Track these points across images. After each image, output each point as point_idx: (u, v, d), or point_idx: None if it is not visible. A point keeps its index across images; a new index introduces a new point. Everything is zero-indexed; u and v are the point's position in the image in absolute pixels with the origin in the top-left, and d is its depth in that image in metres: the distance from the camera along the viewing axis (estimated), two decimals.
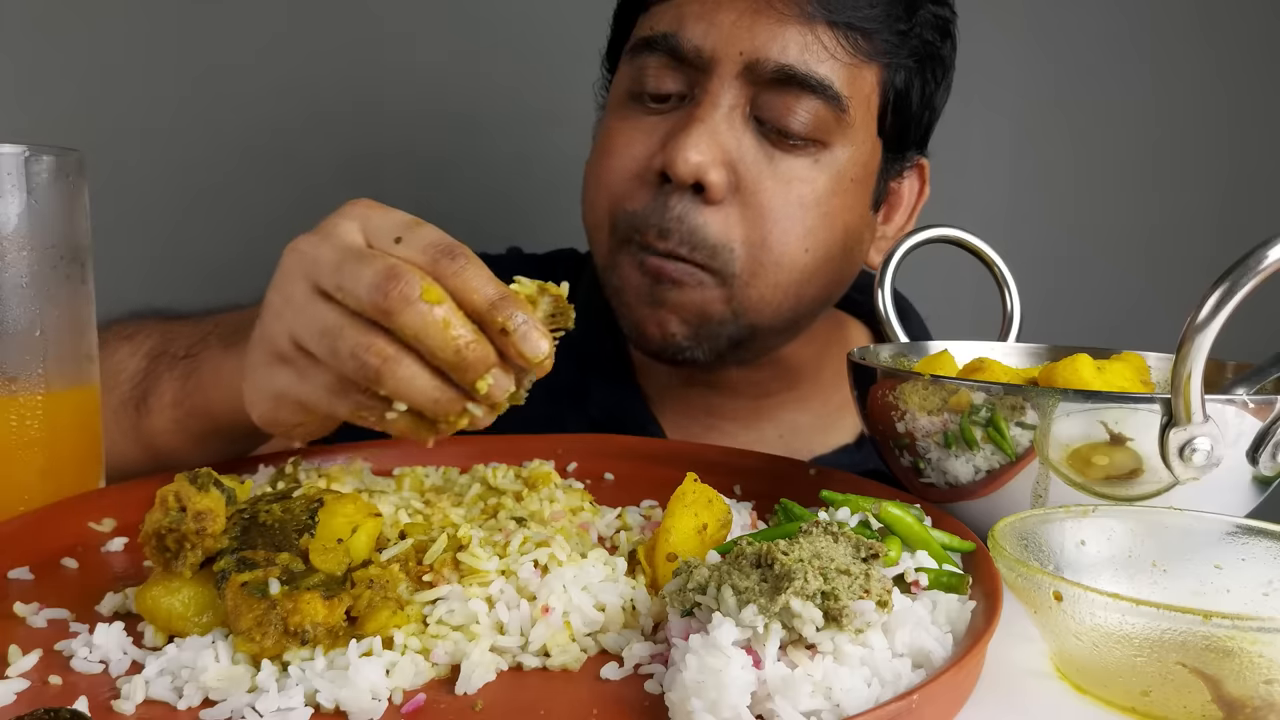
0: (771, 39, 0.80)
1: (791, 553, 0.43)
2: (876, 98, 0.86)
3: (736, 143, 0.82)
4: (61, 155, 0.61)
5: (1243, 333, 0.58)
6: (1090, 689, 0.44)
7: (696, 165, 0.79)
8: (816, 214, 0.84)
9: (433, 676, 0.44)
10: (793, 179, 0.83)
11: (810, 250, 0.84)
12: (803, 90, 0.81)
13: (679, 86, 0.84)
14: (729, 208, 0.82)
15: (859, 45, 0.82)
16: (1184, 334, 0.52)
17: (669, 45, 0.83)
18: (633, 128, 0.86)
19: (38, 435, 0.61)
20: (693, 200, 0.82)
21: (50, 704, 0.39)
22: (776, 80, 0.81)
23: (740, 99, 0.82)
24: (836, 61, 0.82)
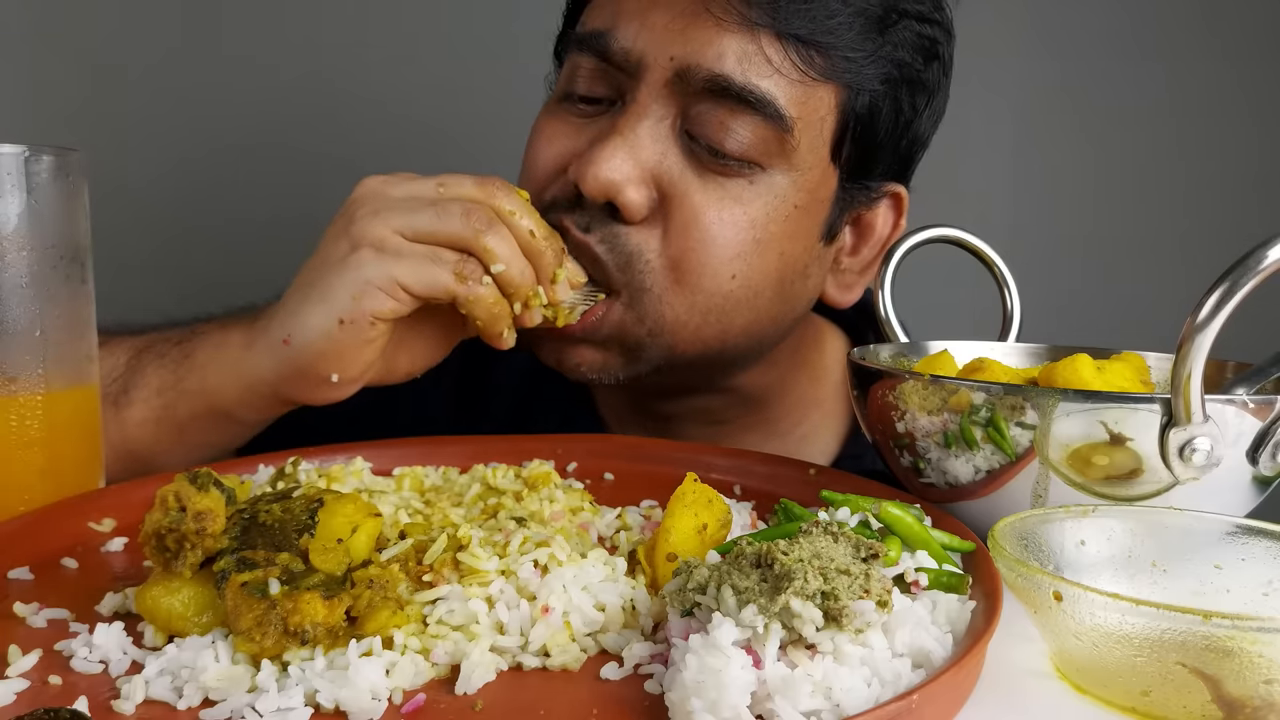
0: (706, 45, 0.72)
1: (791, 553, 0.43)
2: (833, 121, 0.77)
3: (660, 158, 0.74)
4: (61, 155, 0.61)
5: (1243, 333, 0.58)
6: (1090, 689, 0.44)
7: (607, 184, 0.73)
8: (747, 238, 0.76)
9: (433, 676, 0.44)
10: (724, 199, 0.75)
11: (738, 276, 0.76)
12: (739, 105, 0.73)
13: (608, 91, 0.78)
14: (651, 226, 0.76)
15: (812, 61, 0.73)
16: (1184, 334, 0.52)
17: (598, 45, 0.76)
18: (559, 126, 0.80)
19: (38, 435, 0.61)
20: (610, 216, 0.75)
21: (50, 704, 0.39)
22: (710, 91, 0.73)
23: (670, 110, 0.75)
24: (782, 77, 0.73)
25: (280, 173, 1.46)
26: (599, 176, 0.73)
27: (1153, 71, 1.60)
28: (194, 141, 1.43)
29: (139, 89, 1.40)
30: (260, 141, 1.46)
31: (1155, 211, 1.62)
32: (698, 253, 0.75)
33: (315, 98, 1.46)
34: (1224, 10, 1.58)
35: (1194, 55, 1.59)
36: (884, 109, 0.78)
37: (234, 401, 0.73)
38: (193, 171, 1.43)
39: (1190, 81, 1.59)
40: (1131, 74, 1.60)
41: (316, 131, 1.47)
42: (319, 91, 1.46)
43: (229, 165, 1.44)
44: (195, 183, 1.43)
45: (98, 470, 0.66)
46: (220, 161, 1.44)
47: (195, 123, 1.43)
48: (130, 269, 1.39)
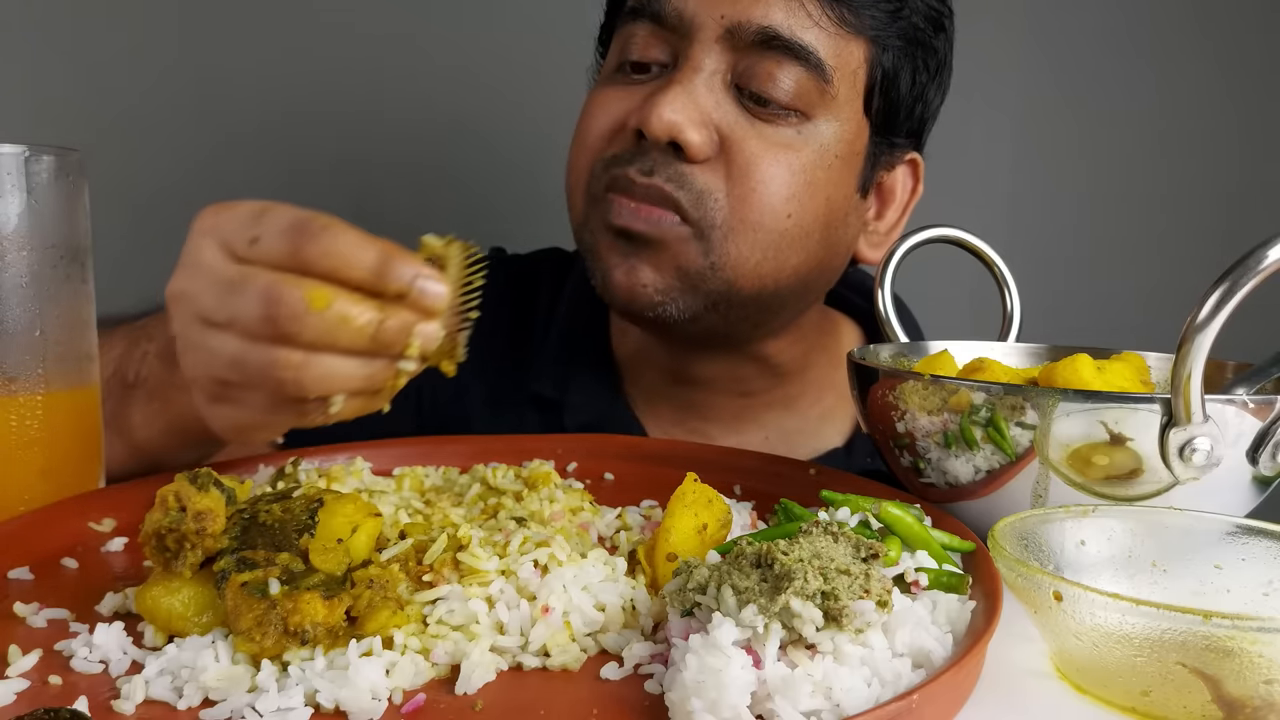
0: (754, 3, 0.79)
1: (791, 553, 0.43)
2: (863, 74, 0.84)
3: (716, 106, 0.80)
4: (61, 155, 0.61)
5: (1243, 333, 0.58)
6: (1090, 689, 0.44)
7: (670, 123, 0.78)
8: (801, 180, 0.82)
9: (433, 676, 0.44)
10: (776, 145, 0.81)
11: (793, 216, 0.82)
12: (785, 56, 0.79)
13: (662, 55, 0.83)
14: (713, 165, 0.81)
15: (845, 18, 0.81)
16: (1184, 334, 0.52)
17: (652, 10, 0.82)
18: (613, 93, 0.86)
19: (38, 435, 0.61)
20: (675, 156, 0.80)
21: (50, 704, 0.39)
22: (759, 44, 0.79)
23: (721, 65, 0.81)
24: (821, 30, 0.80)
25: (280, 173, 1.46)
26: (663, 117, 0.78)
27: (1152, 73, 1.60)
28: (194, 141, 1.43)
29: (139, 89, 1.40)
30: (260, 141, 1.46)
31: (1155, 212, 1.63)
32: (759, 193, 0.81)
33: (316, 98, 1.46)
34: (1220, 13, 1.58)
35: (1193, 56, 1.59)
36: (904, 68, 0.86)
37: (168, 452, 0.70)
38: (193, 171, 1.43)
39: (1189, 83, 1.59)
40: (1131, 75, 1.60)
41: (317, 131, 1.47)
42: (320, 91, 1.46)
43: (229, 165, 1.44)
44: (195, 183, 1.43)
45: (98, 470, 0.66)
46: (220, 161, 1.44)
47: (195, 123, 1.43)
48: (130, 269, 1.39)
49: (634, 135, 0.81)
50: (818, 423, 0.99)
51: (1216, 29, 1.58)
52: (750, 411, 0.98)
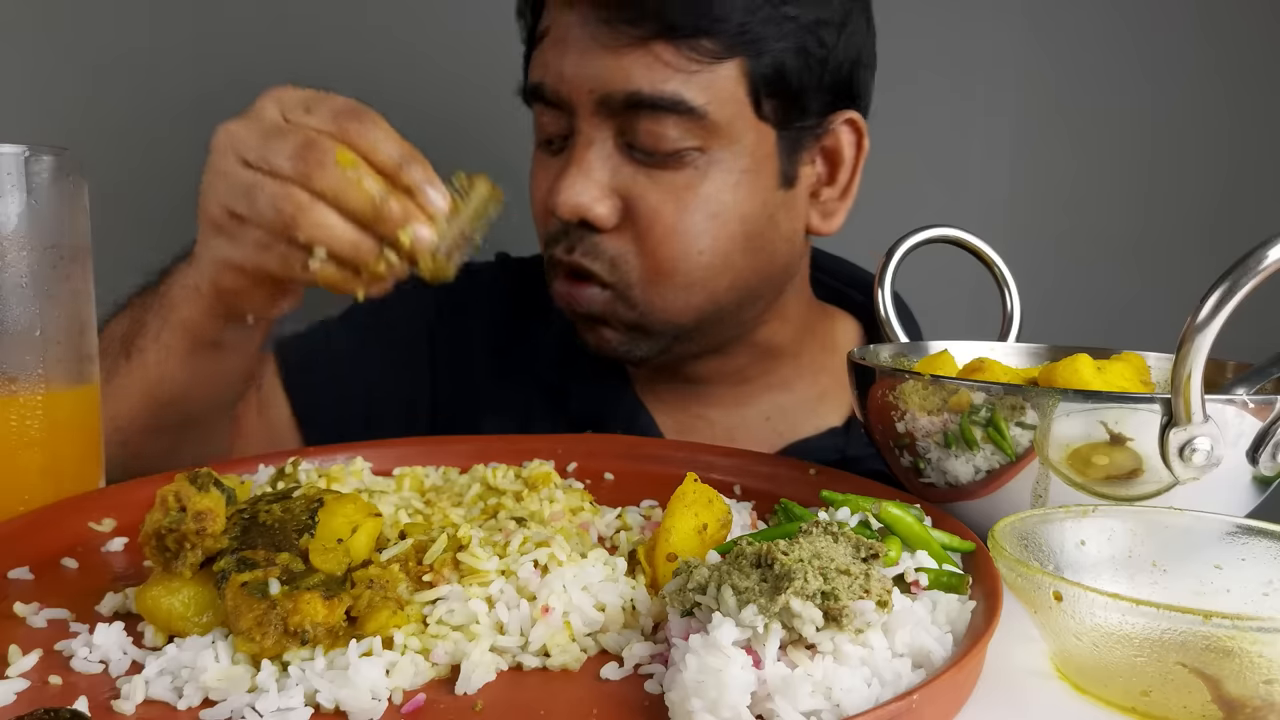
0: (614, 70, 0.82)
1: (791, 553, 0.43)
2: (744, 88, 0.84)
3: (613, 172, 0.85)
4: (61, 155, 0.61)
5: (1243, 333, 0.58)
6: (1090, 689, 0.44)
7: (574, 206, 0.84)
8: (705, 215, 0.85)
9: (433, 676, 0.44)
10: (676, 190, 0.84)
11: (705, 252, 0.86)
12: (657, 111, 0.82)
13: (562, 129, 0.88)
14: (623, 230, 0.86)
15: (705, 49, 0.81)
16: (1184, 334, 0.52)
17: (540, 95, 0.87)
18: (540, 170, 0.92)
19: (38, 435, 0.61)
20: (589, 229, 0.86)
21: (50, 704, 0.39)
22: (630, 107, 0.82)
23: (607, 131, 0.84)
24: (684, 74, 0.81)
25: None
26: (567, 203, 0.84)
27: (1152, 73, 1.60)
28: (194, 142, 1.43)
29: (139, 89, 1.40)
30: None
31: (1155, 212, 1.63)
32: (666, 244, 0.85)
33: None
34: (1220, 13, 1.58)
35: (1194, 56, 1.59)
36: (788, 61, 0.85)
37: (207, 329, 0.75)
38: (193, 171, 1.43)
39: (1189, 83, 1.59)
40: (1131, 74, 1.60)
41: None
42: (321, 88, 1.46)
43: None
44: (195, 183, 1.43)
45: (98, 470, 0.66)
46: None
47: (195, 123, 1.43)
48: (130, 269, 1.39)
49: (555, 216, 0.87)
50: (815, 403, 1.02)
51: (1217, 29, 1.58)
52: (749, 395, 1.01)
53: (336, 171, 0.59)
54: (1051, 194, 1.63)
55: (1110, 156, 1.62)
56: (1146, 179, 1.62)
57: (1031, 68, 1.61)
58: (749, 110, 0.85)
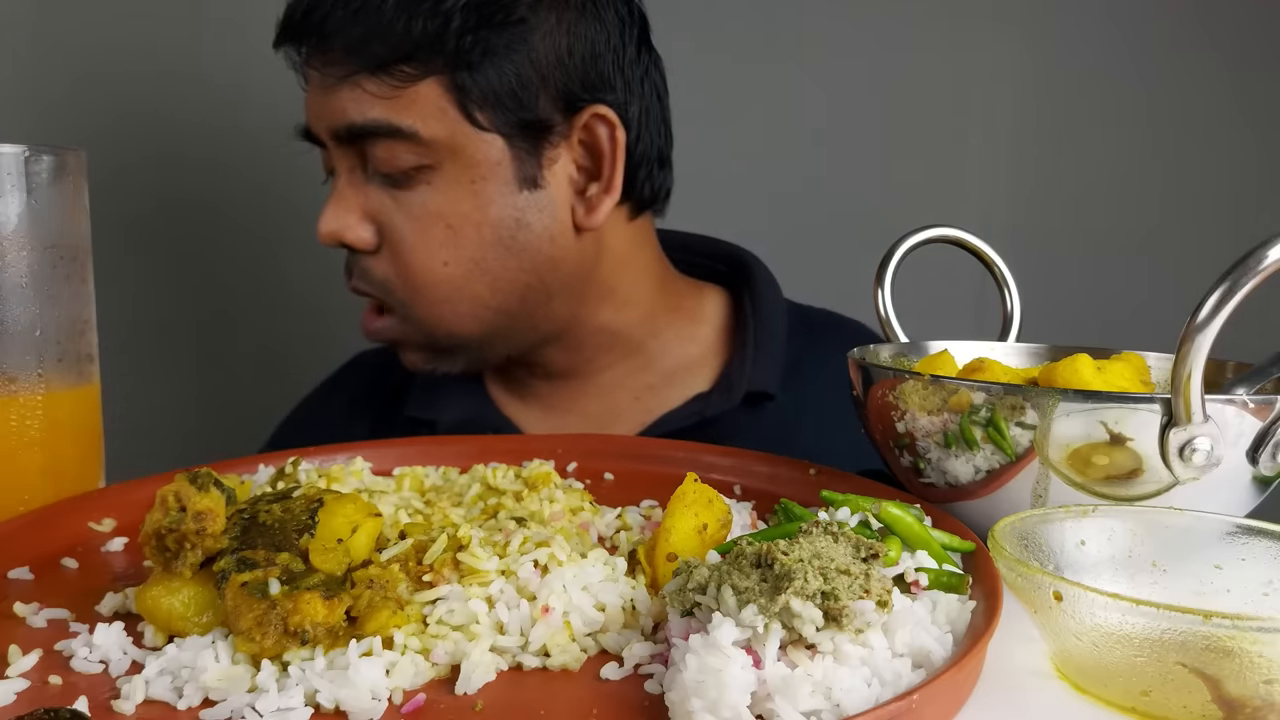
0: (332, 106, 0.87)
1: (791, 553, 0.43)
2: (450, 103, 0.86)
3: (366, 199, 0.90)
4: (61, 155, 0.61)
5: (1243, 333, 0.58)
6: (1090, 689, 0.44)
7: (329, 234, 0.89)
8: (443, 229, 0.89)
9: (433, 676, 0.44)
10: (417, 209, 0.88)
11: (449, 263, 0.89)
12: (375, 138, 0.86)
13: (330, 164, 0.93)
14: (382, 254, 0.91)
15: (402, 74, 0.85)
16: (1184, 334, 0.52)
17: (305, 135, 0.94)
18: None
19: (38, 435, 0.61)
20: (360, 256, 0.92)
21: (50, 704, 0.39)
22: (354, 137, 0.87)
23: (352, 161, 0.89)
24: (386, 100, 0.85)
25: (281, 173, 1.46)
26: (323, 232, 0.90)
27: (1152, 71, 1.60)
28: (194, 142, 1.43)
29: (139, 89, 1.40)
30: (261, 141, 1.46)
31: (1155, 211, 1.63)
32: (412, 262, 0.90)
33: None
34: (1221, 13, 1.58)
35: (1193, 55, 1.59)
36: (482, 67, 0.86)
37: None
38: (192, 171, 1.43)
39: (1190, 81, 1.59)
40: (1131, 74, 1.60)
41: None
42: None
43: (230, 165, 1.44)
44: (195, 182, 1.43)
45: (98, 470, 0.66)
46: (221, 162, 1.44)
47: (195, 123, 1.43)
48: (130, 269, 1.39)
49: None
50: (683, 374, 1.04)
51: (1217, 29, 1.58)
52: (613, 380, 1.04)
53: None
54: (1051, 194, 1.63)
55: (1110, 156, 1.62)
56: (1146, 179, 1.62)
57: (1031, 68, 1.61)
58: (463, 123, 0.87)
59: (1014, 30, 1.61)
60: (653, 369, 1.04)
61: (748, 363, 0.99)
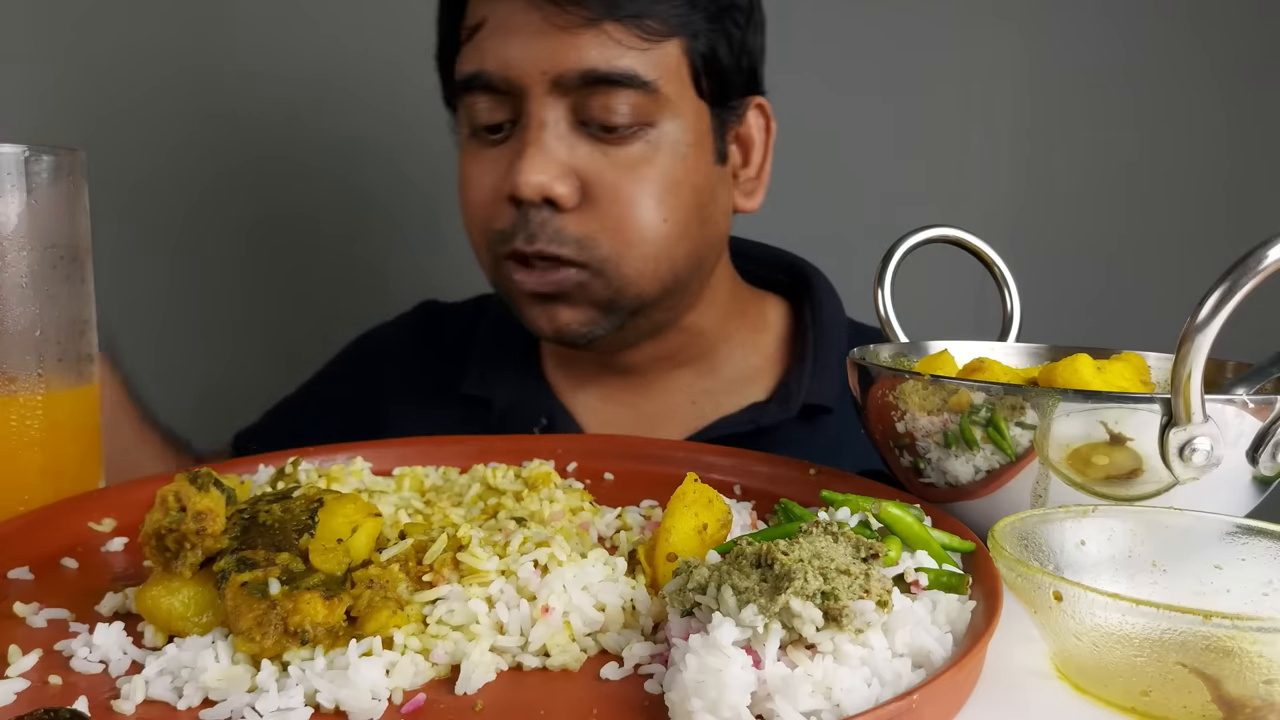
0: (568, 50, 0.85)
1: (791, 553, 0.43)
2: (686, 66, 0.90)
3: (570, 152, 0.88)
4: (61, 155, 0.61)
5: (1243, 333, 0.58)
6: (1090, 689, 0.44)
7: (538, 185, 0.86)
8: (663, 186, 0.89)
9: (433, 676, 0.44)
10: (633, 164, 0.88)
11: (668, 219, 0.90)
12: (612, 87, 0.86)
13: (507, 115, 0.90)
14: (585, 208, 0.88)
15: (650, 29, 0.86)
16: (1184, 334, 0.52)
17: (482, 82, 0.89)
18: (479, 162, 0.93)
19: (38, 435, 0.61)
20: (550, 212, 0.88)
21: (50, 704, 0.39)
22: (586, 84, 0.86)
23: (560, 111, 0.87)
24: (635, 51, 0.86)
25: (281, 173, 1.46)
26: (530, 182, 0.85)
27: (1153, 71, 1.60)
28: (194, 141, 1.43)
29: (139, 89, 1.40)
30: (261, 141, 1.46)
31: (1155, 211, 1.62)
32: (630, 216, 0.89)
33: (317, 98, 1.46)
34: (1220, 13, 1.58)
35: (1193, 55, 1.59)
36: (719, 40, 0.92)
37: None
38: (193, 171, 1.43)
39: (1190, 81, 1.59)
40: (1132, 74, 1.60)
41: (318, 131, 1.47)
42: (321, 92, 1.46)
43: (229, 165, 1.44)
44: (195, 183, 1.43)
45: (98, 470, 0.66)
46: (221, 161, 1.44)
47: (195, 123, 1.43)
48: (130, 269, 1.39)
49: (509, 202, 0.88)
50: (741, 383, 1.04)
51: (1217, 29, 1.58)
52: (677, 380, 1.04)
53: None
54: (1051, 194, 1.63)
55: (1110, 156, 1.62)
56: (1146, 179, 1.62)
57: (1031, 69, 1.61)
58: (690, 88, 0.90)
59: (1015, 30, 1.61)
60: (715, 375, 1.05)
61: (806, 375, 0.99)
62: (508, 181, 0.88)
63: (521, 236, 0.89)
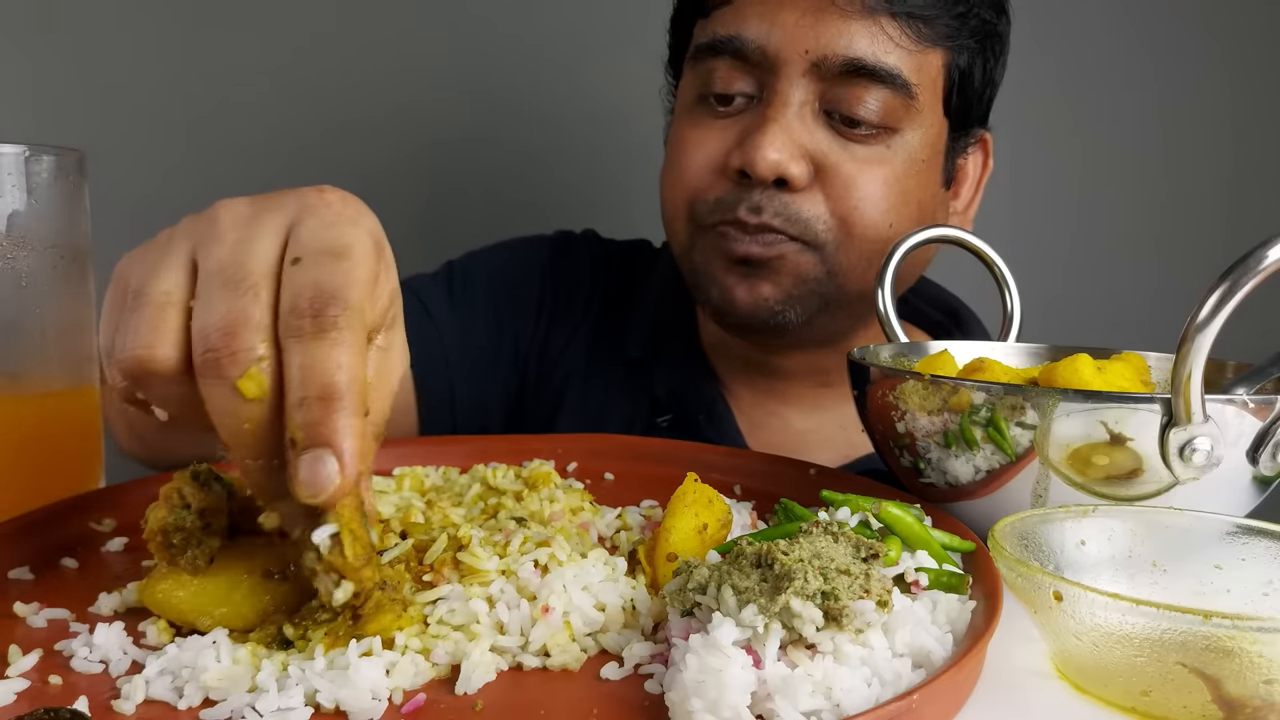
0: (837, 35, 0.83)
1: (791, 553, 0.43)
2: (942, 80, 0.88)
3: (810, 137, 0.85)
4: (61, 155, 0.61)
5: (1243, 333, 0.58)
6: (1090, 689, 0.44)
7: (775, 163, 0.83)
8: (895, 191, 0.87)
9: (433, 676, 0.44)
10: (869, 162, 0.86)
11: (894, 225, 0.87)
12: (872, 81, 0.84)
13: (746, 87, 0.87)
14: (813, 192, 0.86)
15: (921, 32, 0.85)
16: (1184, 334, 0.52)
17: (733, 47, 0.86)
18: (704, 130, 0.90)
19: (38, 435, 0.61)
20: (778, 190, 0.85)
21: (50, 704, 0.39)
22: (845, 73, 0.83)
23: (810, 95, 0.85)
24: (902, 50, 0.84)
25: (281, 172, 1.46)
26: (767, 159, 0.83)
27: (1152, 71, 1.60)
28: (194, 141, 1.43)
29: (139, 89, 1.40)
30: (261, 139, 1.46)
31: (1155, 211, 1.62)
32: (860, 210, 0.86)
33: (316, 96, 1.46)
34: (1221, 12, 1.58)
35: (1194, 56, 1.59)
36: (976, 63, 0.91)
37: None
38: (193, 171, 1.43)
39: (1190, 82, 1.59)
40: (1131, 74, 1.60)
41: (317, 130, 1.47)
42: (320, 90, 1.46)
43: (229, 165, 1.44)
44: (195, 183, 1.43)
45: (98, 470, 0.66)
46: (220, 161, 1.44)
47: (195, 122, 1.43)
48: None
49: (735, 174, 0.86)
50: None
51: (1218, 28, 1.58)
52: (828, 399, 1.02)
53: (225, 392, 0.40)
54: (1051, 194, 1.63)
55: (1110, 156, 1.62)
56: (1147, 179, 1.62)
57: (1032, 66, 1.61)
58: (939, 102, 0.89)
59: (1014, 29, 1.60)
60: None
61: None
62: (740, 154, 0.85)
63: (745, 207, 0.86)
